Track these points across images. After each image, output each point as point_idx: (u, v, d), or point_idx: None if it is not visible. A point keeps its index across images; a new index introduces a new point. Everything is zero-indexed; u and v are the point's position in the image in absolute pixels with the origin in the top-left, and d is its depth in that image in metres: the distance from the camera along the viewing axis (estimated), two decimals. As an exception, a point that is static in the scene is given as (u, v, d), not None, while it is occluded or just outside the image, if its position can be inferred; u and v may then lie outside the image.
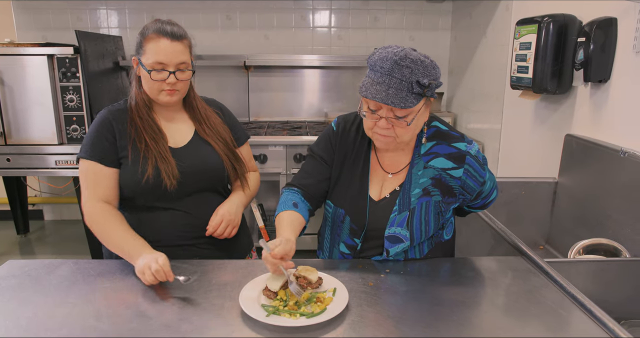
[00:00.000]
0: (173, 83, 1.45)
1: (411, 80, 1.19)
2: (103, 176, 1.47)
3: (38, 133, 3.01)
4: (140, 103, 1.51)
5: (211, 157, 1.55)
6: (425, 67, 1.20)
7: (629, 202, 1.69)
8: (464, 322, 1.11)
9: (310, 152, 1.48)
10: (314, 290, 1.21)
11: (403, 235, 1.34)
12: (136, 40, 1.48)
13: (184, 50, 1.46)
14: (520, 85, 2.24)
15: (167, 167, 1.46)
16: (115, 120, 1.50)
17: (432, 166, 1.34)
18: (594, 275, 1.47)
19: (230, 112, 1.72)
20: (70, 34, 3.19)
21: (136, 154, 1.47)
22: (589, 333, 1.07)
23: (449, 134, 1.37)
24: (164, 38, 1.43)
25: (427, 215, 1.34)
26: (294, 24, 3.80)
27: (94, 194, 1.46)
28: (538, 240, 2.21)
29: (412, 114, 1.23)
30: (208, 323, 1.09)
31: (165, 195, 1.48)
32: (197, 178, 1.52)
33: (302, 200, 1.39)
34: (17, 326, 1.08)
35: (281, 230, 1.28)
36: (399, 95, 1.18)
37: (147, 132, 1.48)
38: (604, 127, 1.92)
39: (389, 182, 1.39)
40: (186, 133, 1.57)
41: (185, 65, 1.46)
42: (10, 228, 3.81)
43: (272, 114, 3.93)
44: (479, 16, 3.20)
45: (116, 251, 1.40)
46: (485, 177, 1.39)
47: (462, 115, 3.55)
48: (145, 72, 1.44)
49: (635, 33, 1.72)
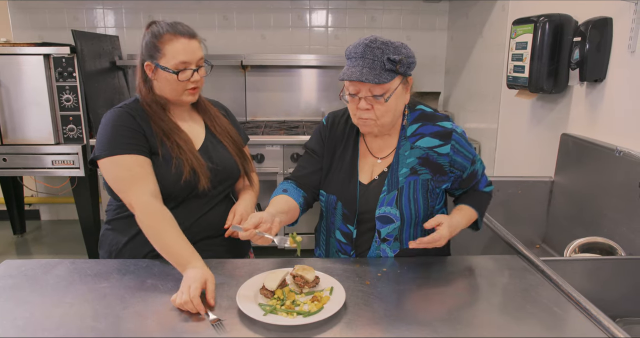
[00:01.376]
0: (197, 81, 1.45)
1: (382, 59, 1.26)
2: (150, 168, 1.40)
3: (34, 133, 3.00)
4: (153, 105, 1.47)
5: (227, 157, 1.56)
6: (395, 47, 1.28)
7: (625, 200, 1.70)
8: (460, 321, 1.11)
9: (304, 148, 1.55)
10: (310, 288, 1.21)
11: (393, 214, 1.37)
12: (146, 45, 1.43)
13: (199, 46, 1.46)
14: (517, 85, 2.25)
15: (201, 168, 1.45)
16: (139, 117, 1.45)
17: (418, 146, 1.39)
18: (589, 273, 1.48)
19: (232, 113, 1.73)
20: (66, 34, 3.17)
21: (168, 153, 1.43)
22: (585, 331, 1.08)
23: (434, 115, 1.43)
24: (182, 37, 1.41)
25: (415, 193, 1.38)
26: (290, 23, 3.80)
27: (146, 188, 1.37)
28: (534, 239, 2.21)
29: (388, 91, 1.29)
30: (205, 322, 1.09)
31: (193, 198, 1.47)
32: (219, 179, 1.52)
33: (294, 187, 1.46)
34: (14, 326, 1.08)
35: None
36: (373, 73, 1.25)
37: (173, 131, 1.46)
38: (600, 126, 1.93)
39: (378, 167, 1.43)
40: (199, 133, 1.57)
41: (203, 61, 1.47)
42: (6, 228, 3.81)
43: (269, 113, 3.94)
44: (476, 16, 3.21)
45: (164, 255, 1.33)
46: (474, 154, 1.42)
47: (458, 115, 3.56)
48: (168, 74, 1.41)
49: (630, 33, 1.73)
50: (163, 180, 1.43)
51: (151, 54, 1.43)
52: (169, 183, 1.43)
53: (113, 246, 1.51)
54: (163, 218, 1.35)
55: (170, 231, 1.34)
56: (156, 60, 1.42)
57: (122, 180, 1.40)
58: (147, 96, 1.47)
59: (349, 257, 1.46)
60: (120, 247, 1.49)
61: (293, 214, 1.40)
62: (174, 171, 1.42)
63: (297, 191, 1.46)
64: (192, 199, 1.49)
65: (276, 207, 1.34)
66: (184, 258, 1.28)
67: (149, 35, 1.43)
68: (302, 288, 1.21)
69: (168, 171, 1.43)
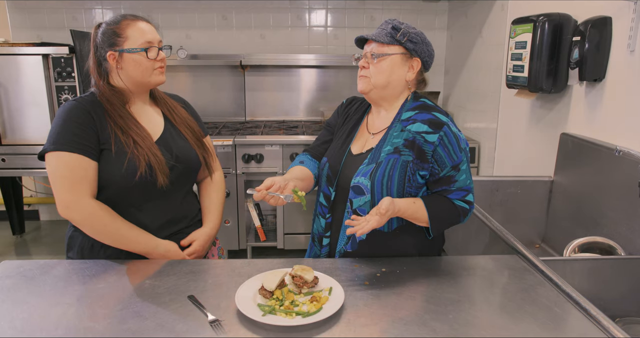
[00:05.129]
0: (164, 59, 1.49)
1: (389, 27, 1.42)
2: (92, 171, 1.39)
3: (33, 133, 3.00)
4: (111, 97, 1.44)
5: (186, 147, 1.55)
6: (407, 26, 1.44)
7: (624, 200, 1.70)
8: (459, 321, 1.11)
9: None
10: (309, 289, 1.21)
11: (365, 185, 1.39)
12: (104, 36, 1.43)
13: (156, 30, 1.51)
14: (516, 84, 2.25)
15: (159, 165, 1.43)
16: (94, 112, 1.42)
17: (408, 130, 1.41)
18: (589, 273, 1.48)
19: (192, 106, 1.73)
20: (65, 34, 3.18)
21: (121, 148, 1.41)
22: (584, 331, 1.08)
23: (434, 107, 1.48)
24: (140, 20, 1.47)
25: (392, 170, 1.39)
26: (290, 23, 3.80)
27: (87, 191, 1.38)
28: (534, 239, 2.21)
29: (386, 55, 1.41)
30: (204, 323, 1.09)
31: (152, 192, 1.46)
32: (179, 171, 1.51)
33: (309, 159, 1.62)
34: (12, 327, 1.08)
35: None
36: (375, 33, 1.43)
37: (132, 129, 1.43)
38: (599, 125, 1.93)
39: (370, 142, 1.50)
40: (157, 124, 1.55)
41: (162, 44, 1.51)
42: (5, 228, 3.80)
43: (268, 113, 3.93)
44: (475, 15, 3.21)
45: (126, 246, 1.43)
46: (461, 161, 1.39)
47: (458, 115, 3.56)
48: (136, 55, 1.42)
49: (629, 32, 1.73)
50: (115, 177, 1.40)
51: (112, 42, 1.43)
52: (121, 180, 1.40)
53: (85, 248, 1.47)
54: (113, 216, 1.41)
55: (121, 224, 1.41)
56: (119, 47, 1.42)
57: (61, 178, 1.38)
58: (106, 91, 1.45)
59: (325, 220, 1.49)
60: (92, 247, 1.46)
61: (309, 183, 1.53)
62: (126, 167, 1.40)
63: (312, 162, 1.60)
64: (155, 199, 1.48)
65: (292, 174, 1.49)
66: (149, 244, 1.43)
67: (104, 27, 1.44)
68: (301, 288, 1.20)
69: (120, 167, 1.40)
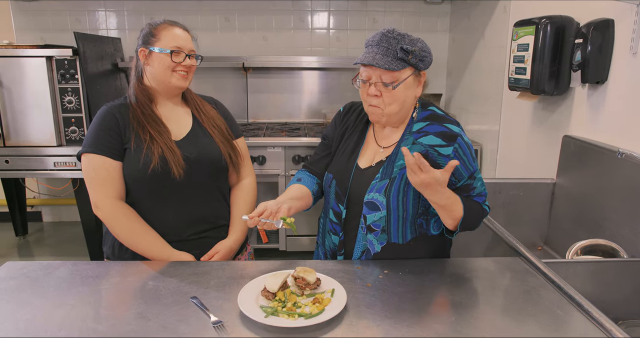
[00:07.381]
0: (188, 65, 1.53)
1: (396, 48, 1.31)
2: (115, 171, 1.47)
3: (37, 134, 3.01)
4: (141, 98, 1.53)
5: (211, 145, 1.58)
6: (411, 40, 1.34)
7: (627, 202, 1.70)
8: (461, 323, 1.11)
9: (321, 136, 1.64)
10: (312, 290, 1.21)
11: (380, 202, 1.38)
12: (142, 33, 1.54)
13: (192, 40, 1.56)
14: (518, 87, 2.25)
15: (173, 157, 1.48)
16: (120, 114, 1.52)
17: (421, 143, 1.38)
18: (591, 275, 1.47)
19: (225, 107, 1.76)
20: (68, 36, 3.18)
21: (139, 144, 1.48)
22: (587, 333, 1.08)
23: (444, 117, 1.42)
24: (177, 27, 1.54)
25: (406, 186, 1.37)
26: (292, 25, 3.80)
27: (111, 191, 1.47)
28: (536, 241, 2.21)
29: (398, 80, 1.33)
30: (206, 324, 1.09)
31: (170, 187, 1.49)
32: (201, 168, 1.54)
33: (308, 175, 1.56)
34: (16, 328, 1.08)
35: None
36: (385, 59, 1.30)
37: (150, 125, 1.50)
38: (602, 128, 1.92)
39: (378, 155, 1.46)
40: (186, 124, 1.60)
41: (194, 53, 1.56)
42: (8, 230, 3.81)
43: (270, 115, 3.94)
44: (477, 18, 3.21)
45: (141, 252, 1.48)
46: (476, 170, 1.39)
47: (460, 117, 3.56)
48: (161, 55, 1.49)
49: (632, 34, 1.73)
50: (133, 172, 1.48)
51: (146, 40, 1.52)
52: (138, 174, 1.47)
53: (116, 244, 1.54)
54: (131, 219, 1.47)
55: (138, 230, 1.47)
56: (150, 45, 1.51)
57: (89, 178, 1.49)
58: (137, 88, 1.55)
59: (339, 237, 1.47)
60: (121, 245, 1.52)
61: (307, 201, 1.49)
62: (142, 161, 1.46)
63: (310, 179, 1.55)
64: (174, 195, 1.51)
65: (287, 195, 1.44)
66: (163, 253, 1.47)
67: (147, 28, 1.53)
68: (303, 290, 1.21)
69: (137, 162, 1.47)
